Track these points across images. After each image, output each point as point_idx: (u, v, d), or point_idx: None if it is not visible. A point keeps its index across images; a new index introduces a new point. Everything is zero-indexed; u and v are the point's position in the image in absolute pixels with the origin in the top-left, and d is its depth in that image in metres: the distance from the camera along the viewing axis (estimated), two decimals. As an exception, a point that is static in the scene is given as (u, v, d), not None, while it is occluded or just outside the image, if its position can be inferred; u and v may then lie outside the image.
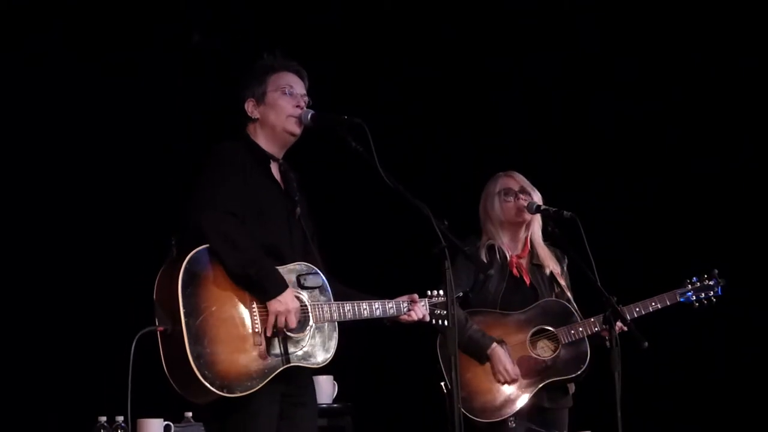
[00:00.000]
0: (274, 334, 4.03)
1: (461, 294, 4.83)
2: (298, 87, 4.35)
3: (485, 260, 5.22)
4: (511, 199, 5.28)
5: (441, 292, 4.54)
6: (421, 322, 4.46)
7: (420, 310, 4.44)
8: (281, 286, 4.05)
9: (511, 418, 5.06)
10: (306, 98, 4.34)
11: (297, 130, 4.31)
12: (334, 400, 6.03)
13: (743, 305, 6.40)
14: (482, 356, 5.12)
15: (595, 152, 6.90)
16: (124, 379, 4.00)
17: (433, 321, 4.50)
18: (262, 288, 4.03)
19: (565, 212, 4.98)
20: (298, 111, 4.30)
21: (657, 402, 6.65)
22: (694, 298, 5.27)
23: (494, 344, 5.11)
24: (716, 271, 5.32)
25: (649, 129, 6.89)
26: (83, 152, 6.07)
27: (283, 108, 4.30)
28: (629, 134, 6.91)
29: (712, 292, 5.29)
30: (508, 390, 5.10)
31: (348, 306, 4.25)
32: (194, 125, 6.26)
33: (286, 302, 4.03)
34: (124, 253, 6.00)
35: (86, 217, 6.05)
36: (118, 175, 6.11)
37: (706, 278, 5.31)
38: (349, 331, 4.69)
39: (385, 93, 6.86)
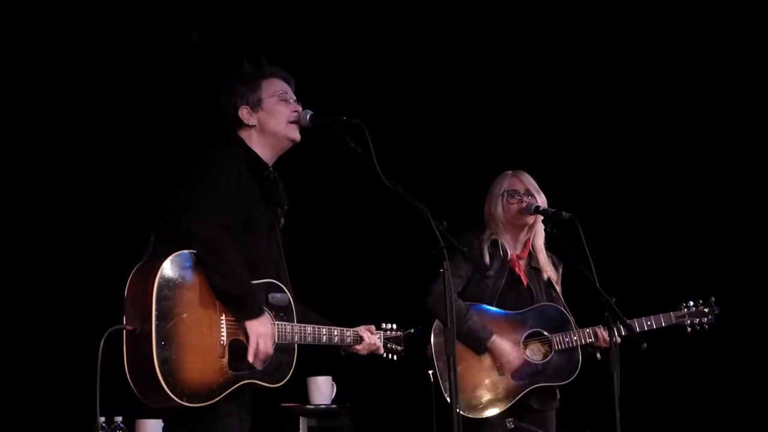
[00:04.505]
0: (245, 352, 3.95)
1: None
2: (290, 93, 4.32)
3: (488, 254, 5.21)
4: (516, 200, 5.22)
5: (395, 326, 4.57)
6: (374, 354, 4.45)
7: (374, 340, 4.41)
8: (261, 308, 4.01)
9: (509, 420, 5.03)
10: (299, 104, 4.32)
11: (298, 137, 4.28)
12: (333, 401, 6.03)
13: (743, 305, 6.39)
14: (481, 347, 5.10)
15: (594, 152, 6.90)
16: (120, 379, 3.98)
17: (385, 354, 4.51)
18: (243, 308, 3.98)
19: (564, 213, 4.96)
20: (297, 116, 4.27)
21: (655, 403, 6.65)
22: (688, 322, 5.28)
23: (494, 336, 5.08)
24: (713, 298, 5.32)
25: (648, 129, 6.89)
26: (67, 147, 6.06)
27: (282, 114, 4.26)
28: (629, 134, 6.91)
29: (706, 319, 5.29)
30: (496, 389, 5.08)
31: (309, 329, 4.20)
32: (183, 123, 6.27)
33: (266, 325, 4.00)
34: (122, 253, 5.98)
35: (87, 215, 6.05)
36: (99, 172, 6.09)
37: (702, 304, 5.31)
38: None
39: (384, 92, 6.85)
